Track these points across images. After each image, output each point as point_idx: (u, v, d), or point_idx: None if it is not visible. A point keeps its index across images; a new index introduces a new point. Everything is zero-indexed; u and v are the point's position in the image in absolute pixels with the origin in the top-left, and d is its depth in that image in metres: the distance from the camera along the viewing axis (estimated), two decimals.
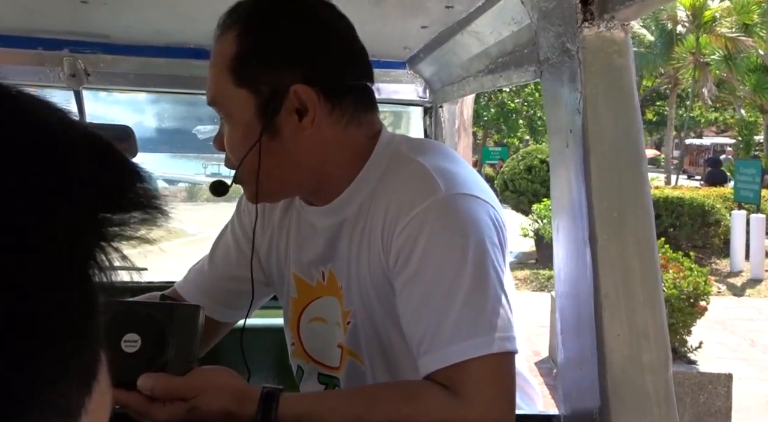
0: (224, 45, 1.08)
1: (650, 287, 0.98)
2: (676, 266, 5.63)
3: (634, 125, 0.98)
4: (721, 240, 10.80)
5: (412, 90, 2.08)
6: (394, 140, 1.17)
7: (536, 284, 9.89)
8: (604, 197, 0.98)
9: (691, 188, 13.31)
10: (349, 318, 1.17)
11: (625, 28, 0.96)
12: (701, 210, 10.63)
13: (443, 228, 1.03)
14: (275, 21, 1.10)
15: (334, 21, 1.11)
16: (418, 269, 1.02)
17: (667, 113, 28.08)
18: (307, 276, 1.24)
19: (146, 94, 2.11)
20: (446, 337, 0.97)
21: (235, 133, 1.10)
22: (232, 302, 1.35)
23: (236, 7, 1.09)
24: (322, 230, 1.19)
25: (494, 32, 1.35)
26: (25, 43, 1.71)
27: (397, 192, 1.08)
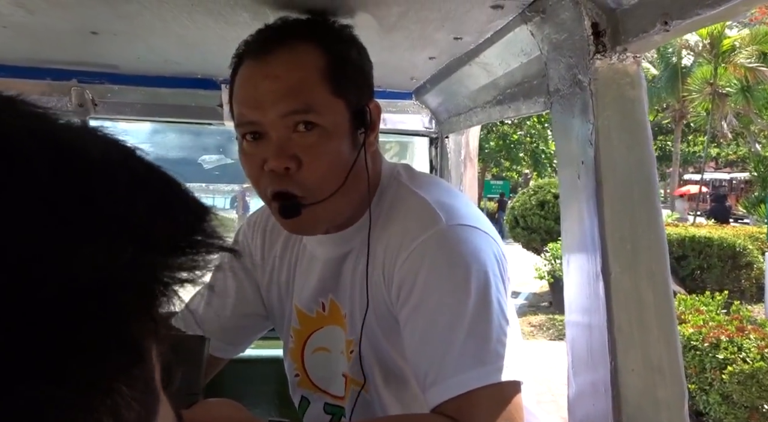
0: (307, 54, 1.04)
1: (665, 321, 0.97)
2: (759, 331, 5.12)
3: (647, 157, 0.97)
4: (753, 284, 10.04)
5: (418, 120, 2.08)
6: (395, 169, 1.18)
7: (553, 332, 9.10)
8: (617, 230, 0.96)
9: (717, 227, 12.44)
10: (352, 347, 1.16)
11: (638, 60, 0.96)
12: (731, 251, 9.91)
13: (445, 259, 1.02)
14: (348, 39, 1.11)
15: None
16: (421, 301, 1.01)
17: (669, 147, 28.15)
18: (307, 309, 1.24)
19: (151, 123, 2.11)
20: (452, 368, 0.96)
21: (331, 144, 1.04)
22: (234, 338, 1.35)
23: (297, 22, 1.09)
24: (326, 261, 1.19)
25: (503, 64, 1.36)
26: (34, 74, 1.72)
27: (398, 225, 1.08)
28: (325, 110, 1.03)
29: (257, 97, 1.03)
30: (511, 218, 12.76)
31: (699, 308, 6.00)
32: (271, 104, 1.02)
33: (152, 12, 1.19)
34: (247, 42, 1.09)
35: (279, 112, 1.01)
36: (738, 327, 5.21)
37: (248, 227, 1.36)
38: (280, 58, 1.03)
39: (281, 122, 1.02)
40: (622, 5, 0.90)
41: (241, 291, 1.33)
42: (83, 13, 1.23)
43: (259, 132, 1.04)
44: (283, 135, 1.03)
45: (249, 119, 1.04)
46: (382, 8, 1.15)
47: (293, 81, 1.02)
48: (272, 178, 1.04)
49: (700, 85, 22.48)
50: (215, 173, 4.32)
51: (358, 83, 1.09)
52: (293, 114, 1.02)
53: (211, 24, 1.27)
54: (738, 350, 4.94)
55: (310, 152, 1.03)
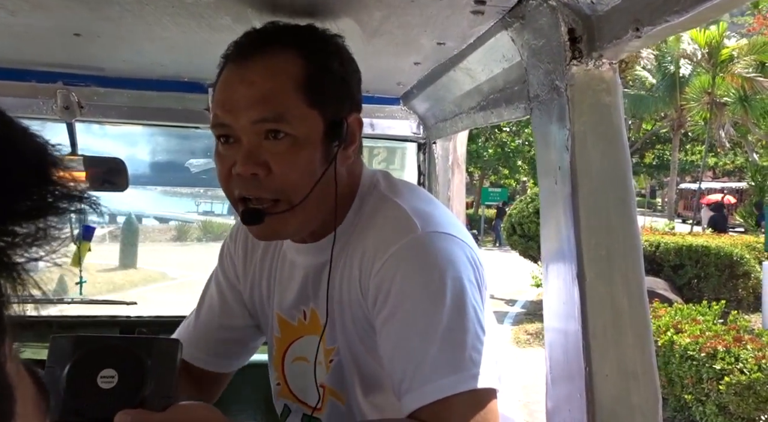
0: (286, 62, 1.04)
1: (639, 327, 0.96)
2: (756, 341, 5.11)
3: (622, 163, 0.97)
4: (750, 293, 10.05)
5: (405, 126, 2.09)
6: (374, 177, 1.18)
7: None
8: (593, 235, 0.96)
9: (714, 236, 12.49)
10: (332, 356, 1.16)
11: (613, 67, 0.96)
12: (729, 260, 9.90)
13: (420, 266, 1.02)
14: (333, 49, 1.10)
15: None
16: (396, 307, 1.01)
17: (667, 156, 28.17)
18: (288, 316, 1.23)
19: (139, 126, 2.10)
20: (427, 374, 0.96)
21: (301, 153, 1.03)
22: (227, 351, 1.35)
23: (283, 28, 1.08)
24: (306, 269, 1.18)
25: (485, 69, 1.36)
26: (19, 76, 1.72)
27: (375, 233, 1.08)
28: (296, 120, 1.02)
29: (232, 101, 1.03)
30: (508, 225, 12.75)
31: (696, 317, 5.99)
32: (243, 109, 1.01)
33: (134, 14, 1.19)
34: (231, 46, 1.09)
35: (250, 118, 1.01)
36: (735, 337, 5.20)
37: (231, 240, 1.36)
38: (259, 64, 1.03)
39: (252, 128, 1.02)
40: (597, 11, 0.91)
41: (225, 305, 1.33)
42: (64, 15, 1.23)
43: (231, 136, 1.04)
44: (253, 141, 1.02)
45: (222, 122, 1.04)
46: (363, 12, 1.15)
47: (267, 88, 1.02)
48: (239, 182, 1.03)
49: (698, 95, 22.52)
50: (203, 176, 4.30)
51: (337, 95, 1.08)
52: (263, 122, 1.01)
53: (194, 27, 1.27)
54: (735, 360, 4.93)
55: (279, 160, 1.02)
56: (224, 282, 1.34)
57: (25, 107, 1.76)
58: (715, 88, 21.65)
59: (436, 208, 1.13)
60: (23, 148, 0.30)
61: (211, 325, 1.33)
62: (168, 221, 23.24)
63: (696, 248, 10.06)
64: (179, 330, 1.36)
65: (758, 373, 4.74)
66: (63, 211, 0.30)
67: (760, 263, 9.98)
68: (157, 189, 16.38)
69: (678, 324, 5.73)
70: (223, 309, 1.33)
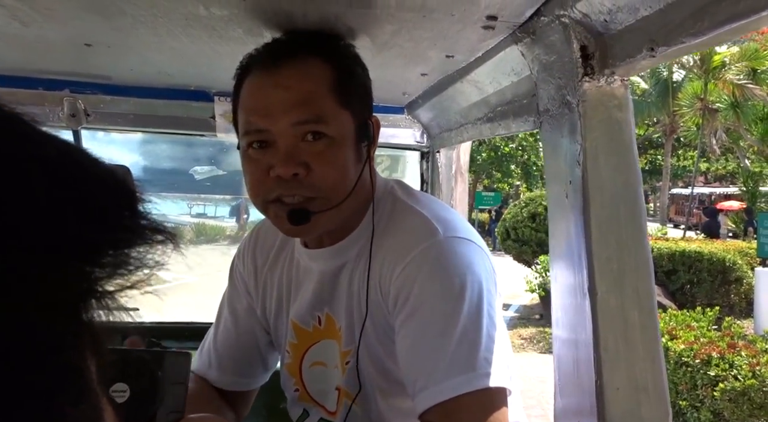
0: (316, 67, 1.07)
1: (650, 341, 0.98)
2: (750, 348, 5.11)
3: (633, 178, 0.98)
4: (742, 299, 10.08)
5: (409, 135, 2.10)
6: (388, 184, 1.21)
7: (544, 345, 9.10)
8: (604, 249, 0.98)
9: (707, 241, 12.53)
10: (348, 358, 1.17)
11: (625, 83, 0.98)
12: (721, 266, 9.93)
13: (440, 269, 1.04)
14: (353, 55, 1.15)
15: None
16: (415, 308, 1.03)
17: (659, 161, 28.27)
18: (303, 322, 1.24)
19: (143, 134, 2.11)
20: (441, 373, 0.97)
21: (338, 153, 1.07)
22: (251, 371, 1.37)
23: (306, 37, 1.13)
24: (321, 274, 1.20)
25: (494, 82, 1.37)
26: (26, 83, 1.72)
27: (396, 238, 1.10)
28: (333, 120, 1.06)
29: (267, 105, 1.05)
30: (502, 230, 12.76)
31: (690, 324, 6.01)
32: (281, 113, 1.04)
33: (147, 26, 1.20)
34: (252, 55, 1.11)
35: (290, 121, 1.04)
36: (729, 343, 5.22)
37: (239, 259, 1.37)
38: (291, 70, 1.06)
39: (291, 131, 1.04)
40: (610, 30, 0.92)
41: (241, 326, 1.35)
42: (78, 26, 1.23)
43: (266, 140, 1.06)
44: (291, 143, 1.04)
45: (257, 127, 1.06)
46: (375, 26, 1.16)
47: (304, 91, 1.05)
48: (279, 184, 1.05)
49: (690, 101, 22.64)
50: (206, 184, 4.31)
51: (362, 98, 1.13)
52: (303, 123, 1.04)
53: (205, 38, 1.28)
54: (729, 367, 4.95)
55: (319, 159, 1.05)
56: (237, 303, 1.36)
57: (32, 115, 1.75)
58: (708, 95, 21.78)
59: (454, 215, 1.16)
60: (116, 183, 0.32)
61: (231, 348, 1.35)
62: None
63: (689, 254, 10.10)
64: (200, 356, 1.38)
65: (752, 380, 4.75)
66: (150, 241, 0.32)
67: (752, 269, 10.05)
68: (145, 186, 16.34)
69: (672, 330, 5.75)
70: (240, 330, 1.35)
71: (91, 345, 0.31)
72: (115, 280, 0.31)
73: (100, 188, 0.31)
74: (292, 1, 1.05)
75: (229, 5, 1.07)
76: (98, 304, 0.30)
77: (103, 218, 0.31)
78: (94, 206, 0.31)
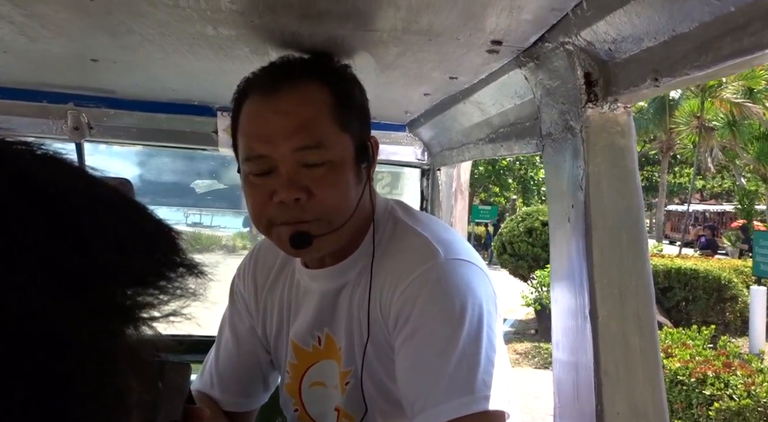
0: (315, 91, 1.08)
1: (650, 365, 0.98)
2: (746, 367, 5.12)
3: (636, 204, 0.99)
4: (737, 317, 10.08)
5: (410, 152, 2.11)
6: (388, 204, 1.21)
7: (539, 361, 9.06)
8: (605, 274, 0.98)
9: (703, 259, 12.60)
10: (348, 378, 1.17)
11: (628, 110, 0.99)
12: (717, 284, 9.94)
13: (441, 291, 1.04)
14: (351, 78, 1.15)
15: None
16: (416, 330, 1.03)
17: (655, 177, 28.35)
18: (303, 343, 1.24)
19: (145, 148, 2.12)
20: (440, 395, 0.97)
21: (339, 176, 1.07)
22: (254, 390, 1.37)
23: (302, 60, 1.13)
24: (322, 294, 1.20)
25: (497, 104, 1.38)
26: (31, 96, 1.73)
27: (397, 259, 1.11)
28: (333, 144, 1.06)
29: (268, 132, 1.05)
30: (498, 244, 12.75)
31: (686, 342, 6.01)
32: (282, 139, 1.04)
33: (154, 44, 1.21)
34: (249, 79, 1.12)
35: (291, 146, 1.04)
36: (725, 362, 5.22)
37: (239, 279, 1.37)
38: (290, 95, 1.07)
39: (292, 156, 1.04)
40: (614, 58, 0.93)
41: (242, 346, 1.35)
42: (85, 43, 1.24)
43: (267, 165, 1.06)
44: (292, 168, 1.05)
45: (258, 153, 1.06)
46: (381, 48, 1.18)
47: (303, 117, 1.05)
48: (281, 209, 1.05)
49: (687, 119, 22.74)
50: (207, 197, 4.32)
51: (360, 119, 1.14)
52: (304, 149, 1.05)
53: (211, 56, 1.29)
54: (725, 386, 4.94)
55: (321, 184, 1.05)
56: (238, 323, 1.36)
57: (35, 127, 1.77)
58: (704, 113, 21.88)
59: (455, 236, 1.16)
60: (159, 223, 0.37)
61: (233, 368, 1.35)
62: None
63: (685, 271, 10.12)
64: (201, 375, 1.38)
65: (748, 399, 4.76)
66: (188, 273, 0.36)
67: (748, 287, 10.06)
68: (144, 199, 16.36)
69: (668, 348, 5.75)
70: (241, 350, 1.35)
71: (133, 366, 0.34)
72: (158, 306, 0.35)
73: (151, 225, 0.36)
74: (299, 22, 1.06)
75: (236, 25, 1.08)
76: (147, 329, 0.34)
77: (152, 251, 0.35)
78: (148, 241, 0.35)
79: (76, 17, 1.07)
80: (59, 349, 0.29)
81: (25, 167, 0.32)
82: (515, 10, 0.93)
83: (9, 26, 1.13)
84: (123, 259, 0.33)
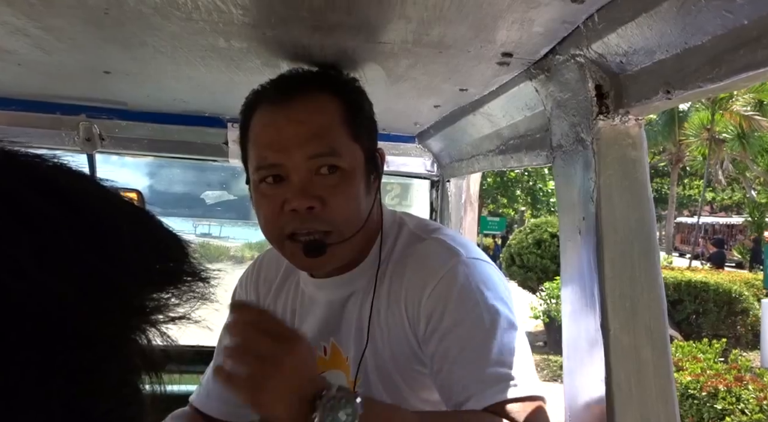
0: (326, 101, 1.09)
1: (663, 379, 0.97)
2: (758, 381, 5.09)
3: (647, 216, 0.99)
4: (749, 331, 10.00)
5: (420, 163, 2.11)
6: (395, 215, 1.23)
7: (548, 373, 8.91)
8: (617, 287, 0.98)
9: (713, 272, 12.52)
10: (354, 388, 1.16)
11: (640, 122, 0.98)
12: (727, 297, 9.87)
13: (472, 285, 1.07)
14: (359, 90, 1.16)
15: None
16: (453, 324, 1.04)
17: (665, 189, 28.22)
18: None
19: (155, 159, 2.13)
20: (488, 381, 0.99)
21: (351, 185, 1.07)
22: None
23: (312, 73, 1.14)
24: (328, 303, 1.20)
25: (507, 116, 1.38)
26: (44, 108, 1.75)
27: (418, 265, 1.12)
28: (345, 153, 1.07)
29: (281, 140, 1.05)
30: (507, 255, 12.70)
31: (696, 355, 5.96)
32: (296, 147, 1.04)
33: (167, 56, 1.22)
34: (258, 91, 1.13)
35: (305, 154, 1.04)
36: (736, 376, 5.18)
37: (241, 289, 1.37)
38: (302, 104, 1.07)
39: (305, 165, 1.05)
40: (625, 71, 0.93)
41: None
42: (98, 55, 1.25)
43: (279, 175, 1.06)
44: (305, 177, 1.05)
45: (271, 162, 1.06)
46: (391, 60, 1.18)
47: (317, 125, 1.06)
48: (293, 218, 1.05)
49: (697, 130, 22.67)
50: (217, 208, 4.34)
51: (369, 130, 1.15)
52: (318, 157, 1.05)
53: (223, 68, 1.30)
54: (736, 400, 4.90)
55: (334, 192, 1.05)
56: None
57: (48, 138, 1.78)
58: (714, 125, 21.81)
59: (467, 239, 1.19)
60: (169, 231, 0.38)
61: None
62: None
63: (695, 284, 10.05)
64: (201, 388, 1.38)
65: (760, 414, 4.73)
66: (200, 279, 0.38)
67: (759, 301, 9.99)
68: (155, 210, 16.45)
69: (679, 362, 5.71)
70: None
71: (147, 368, 0.36)
72: (172, 309, 0.36)
73: (163, 232, 0.38)
74: (311, 34, 1.06)
75: (248, 38, 1.09)
76: (154, 329, 0.35)
77: (165, 257, 0.37)
78: (161, 246, 0.37)
79: (91, 30, 1.08)
80: (84, 344, 0.30)
81: (44, 173, 0.33)
82: (526, 23, 0.93)
83: (25, 39, 1.14)
84: (141, 261, 0.34)
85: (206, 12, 0.95)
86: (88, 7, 0.95)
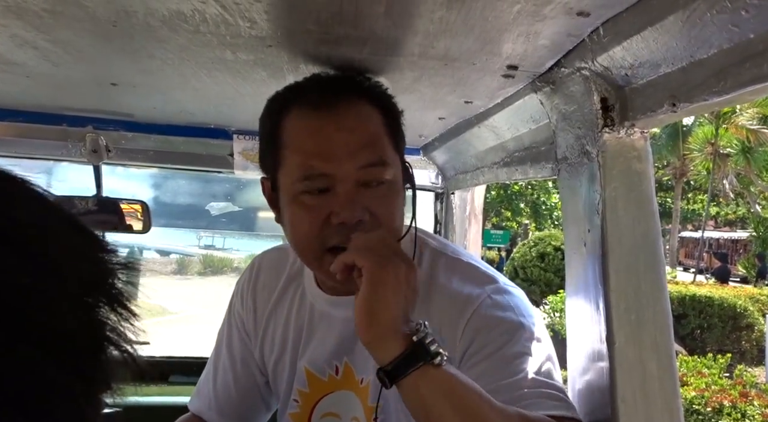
0: (369, 110, 1.04)
1: (668, 392, 0.97)
2: (763, 397, 5.05)
3: (653, 229, 0.99)
4: (753, 346, 9.97)
5: (424, 176, 2.12)
6: (410, 229, 1.18)
7: None
8: (622, 299, 0.98)
9: (718, 286, 12.54)
10: (377, 414, 1.10)
11: (645, 135, 0.99)
12: (732, 312, 9.87)
13: (511, 312, 1.06)
14: (392, 97, 1.12)
15: None
16: (497, 348, 1.02)
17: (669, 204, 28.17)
18: (318, 371, 1.20)
19: (161, 170, 2.14)
20: (533, 402, 0.97)
21: (397, 197, 1.04)
22: (252, 413, 1.35)
23: (347, 79, 1.10)
24: (345, 322, 1.13)
25: (512, 128, 1.39)
26: (51, 120, 1.76)
27: (454, 285, 1.10)
28: (392, 163, 1.04)
29: (332, 149, 0.99)
30: (511, 269, 12.70)
31: (701, 370, 5.93)
32: (347, 156, 0.99)
33: (173, 68, 1.23)
34: (289, 93, 1.07)
35: (356, 164, 0.99)
36: (741, 392, 5.14)
37: (238, 299, 1.33)
38: (349, 111, 1.02)
39: (354, 175, 0.99)
40: (631, 84, 0.93)
41: (239, 368, 1.32)
42: (106, 67, 1.26)
43: (325, 185, 1.00)
44: (351, 188, 0.99)
45: (321, 172, 0.99)
46: (396, 72, 1.19)
47: (368, 134, 1.02)
48: (340, 231, 0.99)
49: (701, 145, 22.67)
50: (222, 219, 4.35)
51: (403, 141, 1.13)
52: (369, 167, 1.00)
53: (229, 80, 1.30)
54: (742, 416, 4.87)
55: (383, 205, 1.01)
56: (236, 344, 1.33)
57: (55, 150, 1.79)
58: (719, 139, 21.80)
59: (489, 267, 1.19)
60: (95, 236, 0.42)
61: (230, 390, 1.32)
62: (169, 254, 23.18)
63: (699, 299, 10.04)
64: (198, 397, 1.36)
65: None
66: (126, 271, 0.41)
67: (764, 316, 9.96)
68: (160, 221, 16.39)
69: (683, 377, 5.67)
70: (238, 373, 1.32)
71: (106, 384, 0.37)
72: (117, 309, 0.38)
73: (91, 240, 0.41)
74: (317, 47, 1.07)
75: (255, 50, 1.10)
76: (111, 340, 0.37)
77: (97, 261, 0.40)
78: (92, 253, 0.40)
79: (99, 42, 1.09)
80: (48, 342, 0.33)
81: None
82: (532, 36, 0.93)
83: (33, 52, 1.15)
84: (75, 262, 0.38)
85: (214, 25, 0.96)
86: (96, 20, 0.96)
